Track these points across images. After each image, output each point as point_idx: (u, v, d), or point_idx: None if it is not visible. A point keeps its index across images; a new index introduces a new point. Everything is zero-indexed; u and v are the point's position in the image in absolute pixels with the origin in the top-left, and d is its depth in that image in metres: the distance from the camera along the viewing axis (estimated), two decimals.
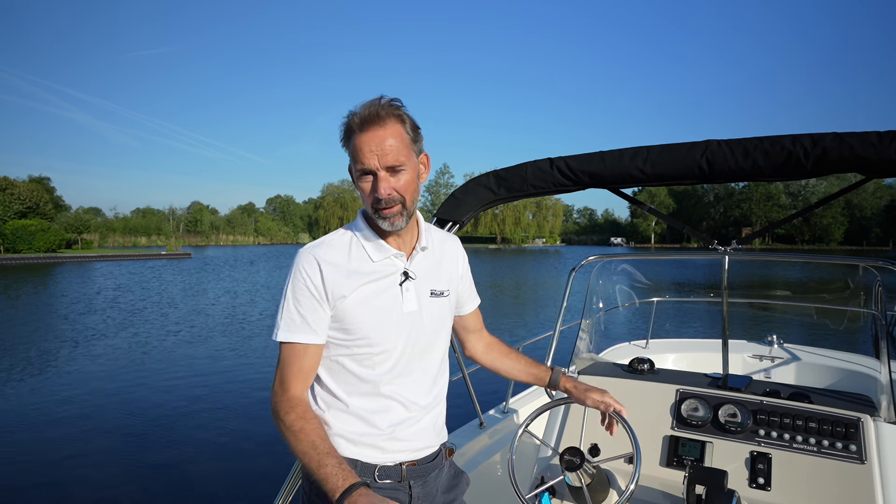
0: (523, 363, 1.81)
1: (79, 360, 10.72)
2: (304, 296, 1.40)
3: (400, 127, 1.37)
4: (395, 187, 1.37)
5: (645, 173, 2.19)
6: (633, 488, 1.61)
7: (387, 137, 1.34)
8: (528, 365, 1.81)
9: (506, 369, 1.80)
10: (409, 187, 1.39)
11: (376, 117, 1.34)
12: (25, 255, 47.79)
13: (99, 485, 5.49)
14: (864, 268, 2.55)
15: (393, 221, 1.39)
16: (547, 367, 1.81)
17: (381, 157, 1.34)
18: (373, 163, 1.34)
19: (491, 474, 2.65)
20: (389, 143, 1.34)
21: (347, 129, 1.38)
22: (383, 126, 1.34)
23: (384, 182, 1.35)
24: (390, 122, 1.35)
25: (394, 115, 1.36)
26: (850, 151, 1.88)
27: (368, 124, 1.34)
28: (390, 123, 1.35)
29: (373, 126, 1.34)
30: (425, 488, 1.52)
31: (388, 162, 1.34)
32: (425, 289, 1.52)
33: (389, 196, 1.36)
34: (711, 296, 3.93)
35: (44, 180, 76.13)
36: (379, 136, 1.33)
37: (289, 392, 1.39)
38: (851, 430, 1.81)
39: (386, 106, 1.36)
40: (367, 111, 1.34)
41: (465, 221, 2.47)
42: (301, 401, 1.38)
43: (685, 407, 2.06)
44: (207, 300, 20.59)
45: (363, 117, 1.34)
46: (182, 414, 7.63)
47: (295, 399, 1.38)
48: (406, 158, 1.37)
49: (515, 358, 1.81)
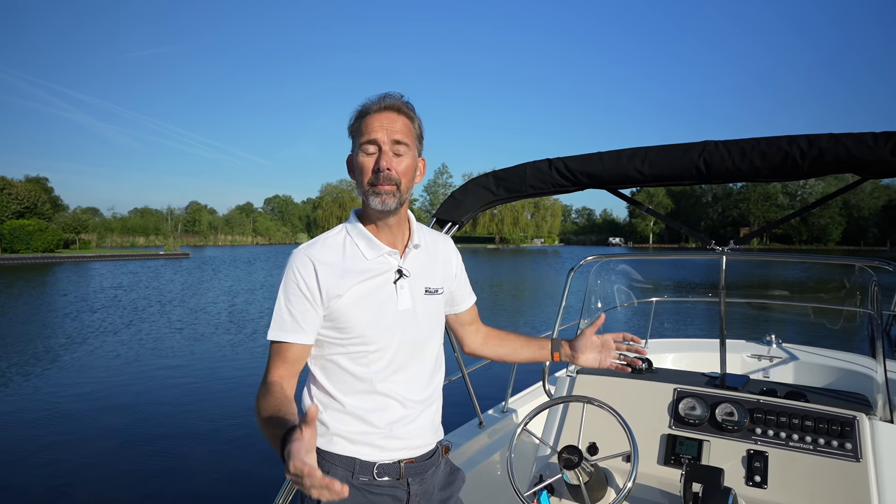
0: (522, 340, 1.80)
1: (77, 360, 10.71)
2: (296, 296, 1.42)
3: (410, 122, 1.47)
4: (395, 167, 1.43)
5: (643, 174, 2.20)
6: (630, 486, 1.63)
7: (398, 120, 1.44)
8: (528, 341, 1.80)
9: (507, 352, 1.80)
10: (407, 173, 1.45)
11: (395, 105, 1.45)
12: (23, 255, 47.69)
13: (98, 484, 5.49)
14: (860, 267, 2.57)
15: (384, 199, 1.42)
16: (546, 338, 1.81)
17: (391, 132, 1.42)
18: (381, 136, 1.41)
19: (490, 473, 2.66)
20: (398, 124, 1.43)
21: (361, 112, 1.45)
22: (399, 112, 1.45)
23: (387, 156, 1.42)
24: (404, 112, 1.46)
25: (408, 110, 1.47)
26: (846, 152, 1.90)
27: (387, 108, 1.44)
28: (404, 114, 1.46)
29: (390, 110, 1.44)
30: (423, 485, 1.54)
31: (395, 137, 1.42)
32: (419, 286, 1.54)
33: (388, 171, 1.41)
34: (710, 296, 3.95)
35: (41, 180, 75.98)
36: (392, 118, 1.43)
37: (265, 381, 1.41)
38: (847, 428, 1.82)
39: (403, 100, 1.47)
40: (390, 98, 1.45)
41: (464, 222, 2.48)
42: (273, 383, 1.39)
43: (683, 406, 2.08)
44: (206, 299, 20.58)
45: (384, 102, 1.44)
46: (181, 413, 7.64)
47: (267, 384, 1.39)
48: (411, 144, 1.46)
49: (514, 338, 1.81)
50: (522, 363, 1.89)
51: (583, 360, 1.73)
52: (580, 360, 1.73)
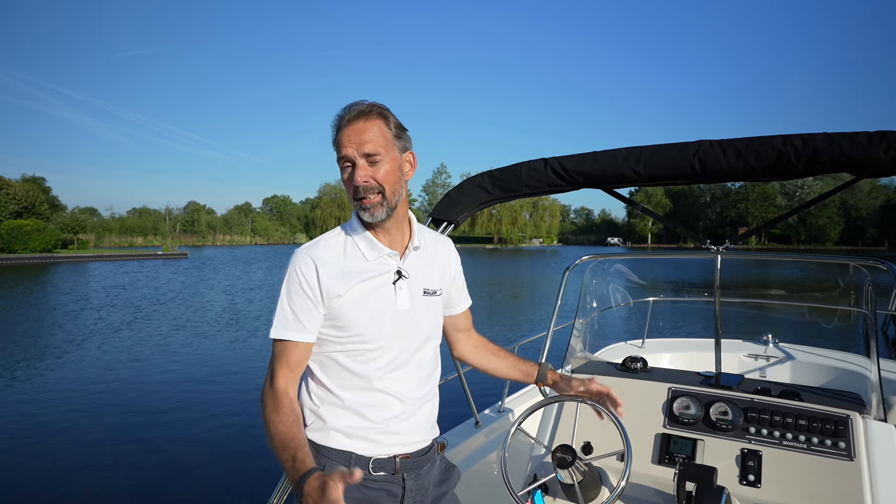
0: (512, 360, 1.84)
1: (76, 360, 10.70)
2: (298, 295, 1.44)
3: (381, 122, 1.45)
4: (374, 176, 1.43)
5: (638, 173, 2.21)
6: (623, 485, 1.63)
7: (366, 129, 1.42)
8: (517, 362, 1.84)
9: (494, 367, 1.83)
10: (388, 178, 1.45)
11: (358, 112, 1.43)
12: (21, 255, 47.62)
13: (97, 482, 5.49)
14: (854, 267, 2.57)
15: (373, 212, 1.44)
16: (535, 363, 1.84)
17: (359, 146, 1.41)
18: (350, 151, 1.41)
19: (486, 473, 2.66)
20: (368, 134, 1.42)
21: (335, 126, 1.46)
22: (365, 119, 1.43)
23: (361, 170, 1.42)
24: (372, 117, 1.43)
25: (376, 112, 1.45)
26: (840, 151, 1.90)
27: (353, 118, 1.42)
28: (372, 118, 1.43)
29: (355, 120, 1.42)
30: (418, 481, 1.55)
31: (364, 150, 1.41)
32: (418, 287, 1.55)
33: (366, 184, 1.42)
34: (706, 295, 3.96)
35: (39, 180, 75.84)
36: (359, 128, 1.42)
37: (272, 385, 1.43)
38: (841, 427, 1.83)
39: (369, 105, 1.45)
40: (355, 108, 1.44)
41: (459, 221, 2.49)
42: (280, 393, 1.41)
43: (677, 405, 2.08)
44: (205, 299, 20.57)
45: (350, 113, 1.43)
46: (179, 412, 7.64)
47: (275, 391, 1.42)
48: (385, 151, 1.44)
49: (504, 356, 1.84)
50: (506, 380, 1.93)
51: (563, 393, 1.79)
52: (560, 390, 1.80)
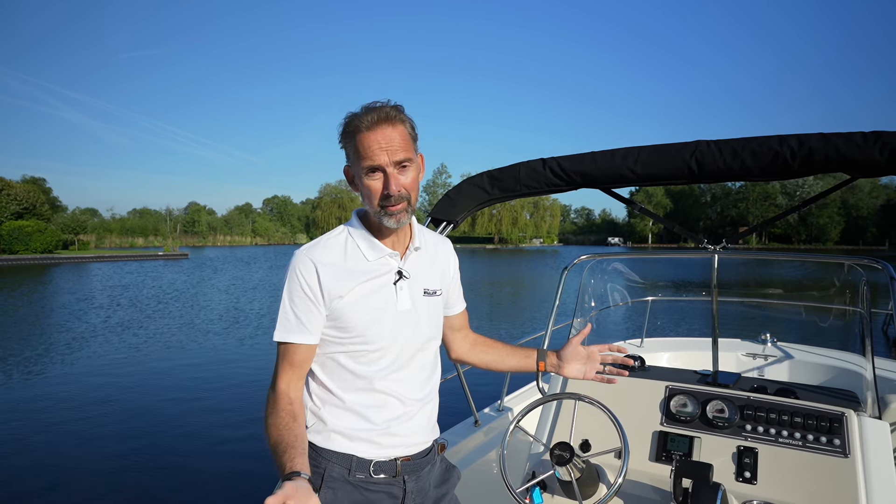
0: (509, 349, 1.81)
1: (76, 360, 10.71)
2: (300, 297, 1.44)
3: (404, 127, 1.43)
4: (404, 184, 1.42)
5: (636, 173, 2.22)
6: (621, 482, 1.65)
7: (396, 136, 1.40)
8: (514, 350, 1.81)
9: (493, 360, 1.80)
10: (414, 185, 1.46)
11: (387, 117, 1.39)
12: (22, 255, 47.61)
13: (97, 480, 5.50)
14: (850, 266, 2.59)
15: (399, 218, 1.44)
16: (532, 349, 1.81)
17: (391, 153, 1.39)
18: (383, 159, 1.38)
19: (486, 471, 2.68)
20: (398, 140, 1.40)
21: (351, 130, 1.41)
22: (392, 125, 1.40)
23: (394, 178, 1.40)
24: (398, 122, 1.41)
25: (400, 116, 1.43)
26: (836, 152, 1.92)
27: (378, 123, 1.38)
28: (398, 124, 1.41)
29: (383, 124, 1.39)
30: (419, 483, 1.55)
31: (397, 157, 1.39)
32: (418, 288, 1.56)
33: (400, 192, 1.41)
34: (704, 294, 3.98)
35: (39, 181, 75.83)
36: (388, 134, 1.39)
37: (274, 387, 1.44)
38: (836, 424, 1.84)
39: (394, 108, 1.42)
40: (378, 111, 1.39)
41: (459, 221, 2.51)
42: (279, 395, 1.42)
43: (674, 403, 2.10)
44: (205, 299, 20.58)
45: (374, 117, 1.38)
46: (179, 412, 7.64)
47: (275, 393, 1.43)
48: (412, 157, 1.44)
49: (501, 347, 1.82)
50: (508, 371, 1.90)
51: (567, 370, 1.74)
52: (565, 371, 1.75)
